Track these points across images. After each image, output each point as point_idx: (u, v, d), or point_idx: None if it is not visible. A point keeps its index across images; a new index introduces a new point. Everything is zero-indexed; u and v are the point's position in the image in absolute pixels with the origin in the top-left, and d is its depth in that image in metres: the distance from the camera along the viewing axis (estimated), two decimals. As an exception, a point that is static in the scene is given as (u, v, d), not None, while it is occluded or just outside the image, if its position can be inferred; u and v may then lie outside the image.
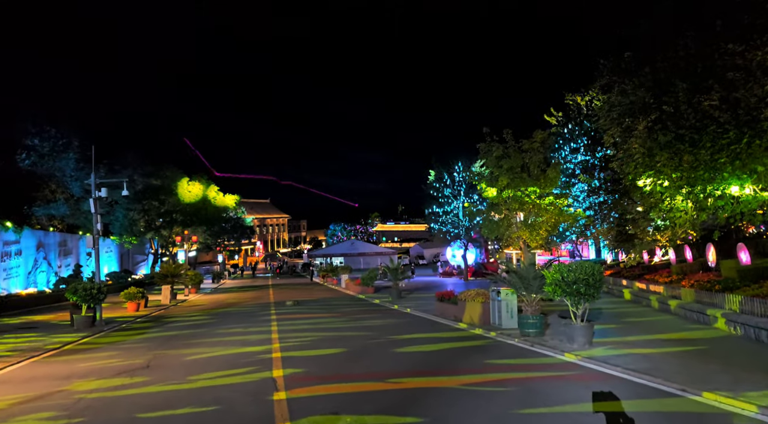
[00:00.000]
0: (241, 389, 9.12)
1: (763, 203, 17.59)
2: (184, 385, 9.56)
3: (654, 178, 18.67)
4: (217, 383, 9.62)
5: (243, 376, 10.22)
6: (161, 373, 10.72)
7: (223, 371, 10.79)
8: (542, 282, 13.30)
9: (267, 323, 19.16)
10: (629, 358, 10.42)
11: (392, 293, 28.74)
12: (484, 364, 10.81)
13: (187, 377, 10.18)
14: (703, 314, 15.87)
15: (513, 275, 13.45)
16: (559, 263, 11.98)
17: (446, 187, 46.74)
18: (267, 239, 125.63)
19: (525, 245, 27.75)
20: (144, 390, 9.30)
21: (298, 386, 9.19)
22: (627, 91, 20.17)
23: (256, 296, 35.13)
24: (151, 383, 9.84)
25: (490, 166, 26.18)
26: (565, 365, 10.30)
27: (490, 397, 8.23)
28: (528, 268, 13.38)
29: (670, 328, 15.03)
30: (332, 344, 13.84)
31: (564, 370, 9.92)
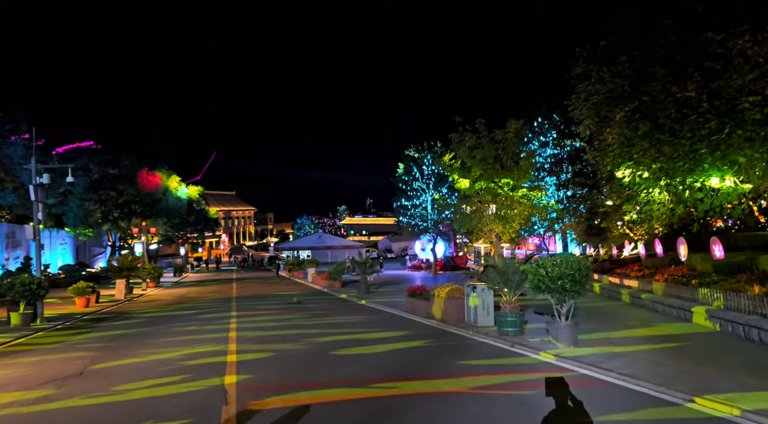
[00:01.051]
0: (184, 402, 7.89)
1: (742, 195, 17.14)
2: (118, 397, 8.26)
3: (633, 168, 18.02)
4: (158, 394, 8.36)
5: (190, 383, 8.99)
6: (95, 382, 9.39)
7: (168, 377, 9.53)
8: (523, 277, 12.42)
9: (226, 321, 17.85)
10: (620, 360, 9.57)
11: (360, 288, 27.65)
12: (463, 366, 9.84)
13: (124, 387, 8.88)
14: (683, 310, 15.28)
15: (491, 270, 12.52)
16: (540, 257, 11.08)
17: (415, 180, 46.24)
18: (232, 231, 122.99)
19: (497, 238, 27.03)
20: (68, 404, 7.97)
21: (252, 397, 8.02)
22: (605, 80, 19.45)
23: (218, 291, 33.59)
24: (80, 394, 8.50)
25: (463, 157, 25.32)
26: (553, 369, 9.39)
27: (478, 410, 7.23)
28: (507, 262, 12.47)
29: (650, 324, 14.38)
30: (295, 345, 12.67)
31: (552, 374, 8.99)
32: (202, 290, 35.56)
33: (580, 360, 9.62)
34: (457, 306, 15.40)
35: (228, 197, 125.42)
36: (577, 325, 10.83)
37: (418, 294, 18.75)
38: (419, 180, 46.61)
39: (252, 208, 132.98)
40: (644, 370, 8.76)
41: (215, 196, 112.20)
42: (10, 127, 40.54)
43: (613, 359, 9.65)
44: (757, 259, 17.78)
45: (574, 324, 10.79)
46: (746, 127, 15.77)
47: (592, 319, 15.37)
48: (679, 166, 17.17)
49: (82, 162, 47.47)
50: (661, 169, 17.48)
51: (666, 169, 17.39)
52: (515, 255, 47.92)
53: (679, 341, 11.59)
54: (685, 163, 16.87)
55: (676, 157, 16.99)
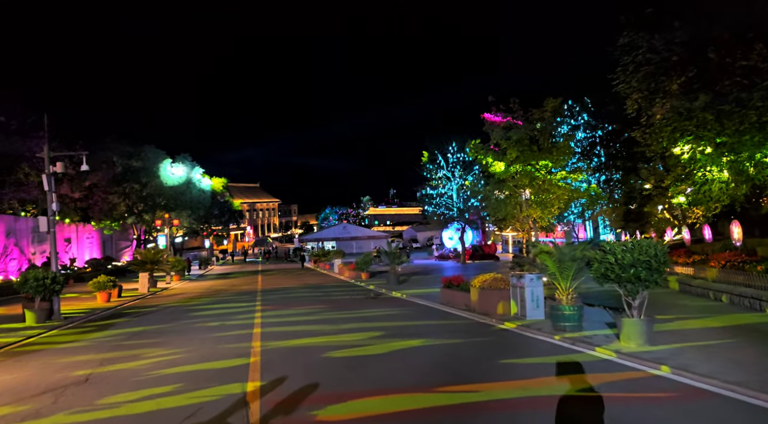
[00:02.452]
0: (196, 420, 6.63)
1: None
2: (120, 411, 7.03)
3: (693, 144, 16.24)
4: (166, 407, 7.13)
5: (205, 392, 7.76)
6: (98, 390, 8.21)
7: (180, 384, 8.31)
8: (581, 266, 10.91)
9: (250, 316, 16.69)
10: (713, 363, 8.03)
11: (390, 279, 26.35)
12: (527, 368, 8.44)
13: (129, 397, 7.67)
14: (756, 299, 13.61)
15: (546, 257, 11.02)
16: (608, 241, 9.55)
17: (440, 168, 45.22)
18: (257, 223, 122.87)
19: (534, 224, 25.47)
20: (59, 422, 6.78)
21: (280, 413, 6.73)
22: (657, 48, 17.66)
23: (243, 283, 32.64)
24: (77, 407, 7.31)
25: (497, 138, 23.75)
26: (636, 374, 7.90)
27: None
28: (564, 249, 10.96)
29: (716, 314, 12.81)
30: (327, 344, 11.39)
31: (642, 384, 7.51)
32: (226, 282, 34.68)
33: (663, 362, 8.11)
34: (501, 297, 13.95)
35: (252, 189, 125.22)
36: (653, 322, 9.29)
37: (455, 285, 17.34)
38: (444, 168, 45.69)
39: (276, 199, 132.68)
40: (750, 375, 7.23)
41: (239, 188, 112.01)
42: (32, 120, 40.06)
43: (703, 362, 8.12)
44: None
45: (650, 320, 9.26)
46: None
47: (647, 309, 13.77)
48: (747, 139, 15.38)
49: (105, 155, 46.95)
50: (725, 144, 15.70)
51: (731, 143, 15.60)
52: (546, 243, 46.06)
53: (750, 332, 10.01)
54: (754, 136, 15.07)
55: (743, 129, 15.19)
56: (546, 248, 11.33)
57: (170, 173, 51.77)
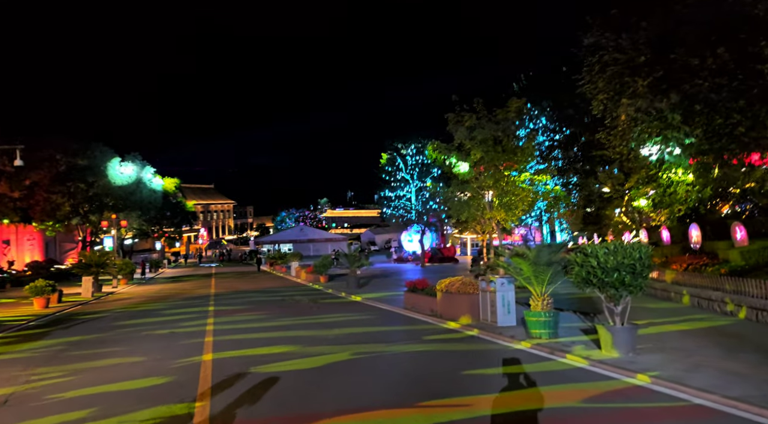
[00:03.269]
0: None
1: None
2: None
3: (662, 145, 16.05)
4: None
5: (145, 413, 6.75)
6: (16, 416, 7.08)
7: (115, 406, 7.26)
8: (558, 269, 10.35)
9: (202, 323, 15.53)
10: (704, 373, 7.52)
11: (349, 282, 25.46)
12: (506, 380, 7.75)
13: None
14: (721, 302, 13.46)
15: (521, 261, 10.40)
16: (588, 244, 8.99)
17: (399, 170, 45.36)
18: (211, 225, 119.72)
19: (498, 226, 25.09)
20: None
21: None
22: (624, 48, 17.46)
23: (196, 287, 31.11)
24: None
25: (461, 138, 23.22)
26: (627, 389, 7.32)
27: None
28: (541, 251, 10.37)
29: (683, 316, 12.60)
30: (288, 354, 10.46)
31: (634, 399, 6.91)
32: (178, 286, 33.04)
33: (652, 374, 7.55)
34: (470, 303, 13.30)
35: (206, 191, 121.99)
36: (636, 329, 8.76)
37: (420, 289, 16.63)
38: (403, 171, 45.53)
39: (231, 201, 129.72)
40: (749, 388, 6.73)
41: (193, 189, 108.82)
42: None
43: (693, 372, 7.62)
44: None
45: (633, 328, 8.73)
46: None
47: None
48: (715, 141, 15.26)
49: (48, 152, 44.35)
50: (692, 145, 15.56)
51: (699, 144, 15.47)
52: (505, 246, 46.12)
53: (741, 340, 9.67)
54: (722, 138, 14.96)
55: (711, 131, 15.07)
56: (521, 251, 10.73)
57: (119, 173, 49.40)
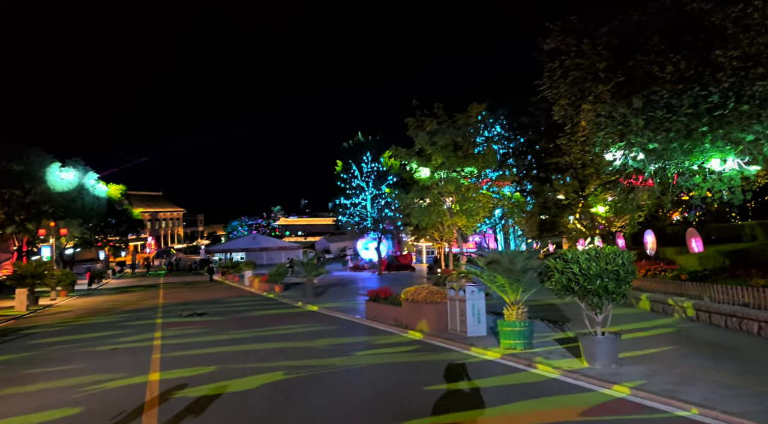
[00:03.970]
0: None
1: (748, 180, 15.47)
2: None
3: (626, 150, 15.94)
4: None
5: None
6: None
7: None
8: (533, 276, 9.87)
9: (148, 338, 14.36)
10: (698, 388, 7.11)
11: (306, 291, 24.54)
12: (489, 396, 7.14)
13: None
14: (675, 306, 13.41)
15: (497, 267, 9.86)
16: (568, 250, 8.52)
17: (354, 178, 45.29)
18: (159, 234, 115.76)
19: (459, 233, 24.72)
20: None
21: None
22: (586, 52, 17.40)
23: (142, 298, 29.42)
24: None
25: (422, 143, 22.77)
26: (620, 406, 6.82)
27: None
28: (516, 257, 9.87)
29: (657, 323, 12.31)
30: (247, 371, 9.55)
31: (631, 418, 6.41)
32: (123, 297, 31.20)
33: (643, 388, 7.09)
34: (437, 312, 12.71)
35: (155, 198, 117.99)
36: (618, 339, 8.32)
37: (383, 298, 15.95)
38: (358, 178, 45.39)
39: (181, 209, 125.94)
40: (748, 403, 6.34)
41: (140, 196, 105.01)
42: None
43: (684, 384, 7.21)
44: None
45: (615, 338, 8.28)
46: (753, 102, 13.99)
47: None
48: (675, 147, 15.27)
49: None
50: (655, 151, 15.51)
51: (660, 150, 15.44)
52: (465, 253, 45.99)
53: (717, 348, 9.44)
54: (684, 143, 14.97)
55: (673, 136, 15.06)
56: (495, 257, 10.21)
57: (59, 179, 46.73)
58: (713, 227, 23.60)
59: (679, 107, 14.79)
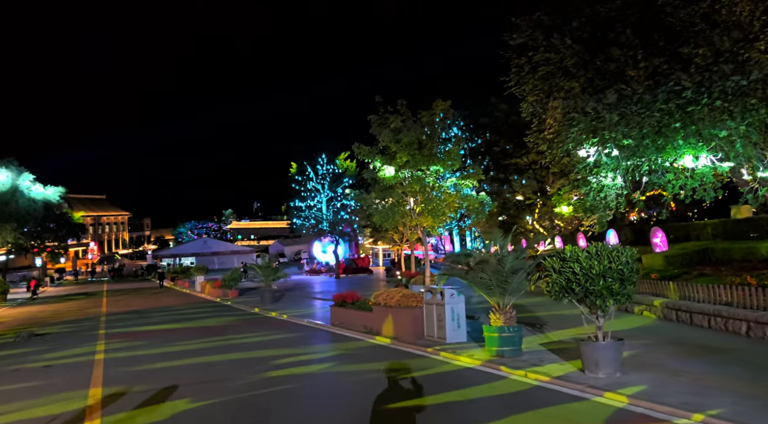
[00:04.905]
0: None
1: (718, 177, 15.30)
2: None
3: (599, 146, 15.53)
4: None
5: None
6: None
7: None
8: (522, 277, 9.12)
9: (89, 348, 12.88)
10: (716, 399, 6.46)
11: (264, 296, 23.26)
12: (489, 414, 6.28)
13: None
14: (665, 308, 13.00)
15: (485, 267, 9.04)
16: (565, 248, 7.77)
17: (309, 180, 44.55)
18: (103, 239, 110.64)
19: (424, 234, 23.93)
20: None
21: None
22: (556, 47, 16.96)
23: (83, 307, 27.31)
24: None
25: (386, 141, 21.85)
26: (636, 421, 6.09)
27: None
28: (504, 257, 9.08)
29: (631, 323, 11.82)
30: (203, 390, 8.38)
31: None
32: (61, 307, 28.93)
33: (663, 402, 6.37)
34: (413, 317, 11.81)
35: (97, 201, 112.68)
36: (622, 344, 7.62)
37: (350, 303, 14.95)
38: (313, 180, 44.66)
39: (126, 213, 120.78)
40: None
41: (82, 200, 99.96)
42: None
43: (700, 395, 6.55)
44: (757, 246, 16.07)
45: (619, 344, 7.57)
46: (725, 98, 13.80)
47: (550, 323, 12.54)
48: (647, 144, 14.95)
49: None
50: (627, 147, 15.16)
51: (633, 147, 15.10)
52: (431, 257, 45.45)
53: (711, 351, 8.94)
54: (657, 140, 14.66)
55: (646, 132, 14.73)
56: (483, 257, 9.40)
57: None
58: (674, 226, 23.68)
59: (652, 103, 14.48)
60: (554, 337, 11.21)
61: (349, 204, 44.88)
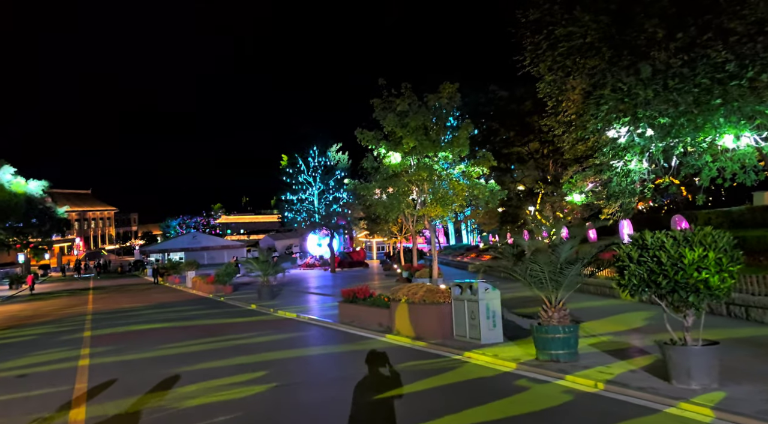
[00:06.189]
0: None
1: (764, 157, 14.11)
2: None
3: (631, 126, 14.26)
4: None
5: None
6: None
7: None
8: (579, 269, 7.84)
9: (73, 353, 11.45)
10: None
11: (262, 292, 21.87)
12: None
13: None
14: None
15: (536, 258, 7.73)
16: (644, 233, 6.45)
17: (300, 173, 43.47)
18: (89, 234, 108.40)
19: (432, 224, 22.69)
20: None
21: None
22: (579, 20, 15.64)
23: (67, 306, 25.73)
24: None
25: (391, 126, 20.52)
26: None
27: None
28: (558, 246, 7.78)
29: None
30: (208, 410, 7.03)
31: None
32: (44, 305, 27.31)
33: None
34: (440, 315, 10.51)
35: (82, 196, 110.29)
36: (717, 349, 6.33)
37: (362, 299, 13.63)
38: (305, 173, 43.61)
39: (112, 208, 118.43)
40: None
41: (66, 194, 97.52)
42: None
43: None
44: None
45: (716, 349, 6.28)
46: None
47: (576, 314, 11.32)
48: (682, 122, 13.70)
49: None
50: (663, 127, 13.90)
51: (669, 126, 13.85)
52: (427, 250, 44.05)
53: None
54: (695, 118, 13.42)
55: (683, 110, 13.49)
56: (528, 244, 8.11)
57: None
58: (694, 214, 22.52)
59: (691, 77, 13.25)
60: (591, 331, 10.03)
61: (341, 197, 43.66)
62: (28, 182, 53.81)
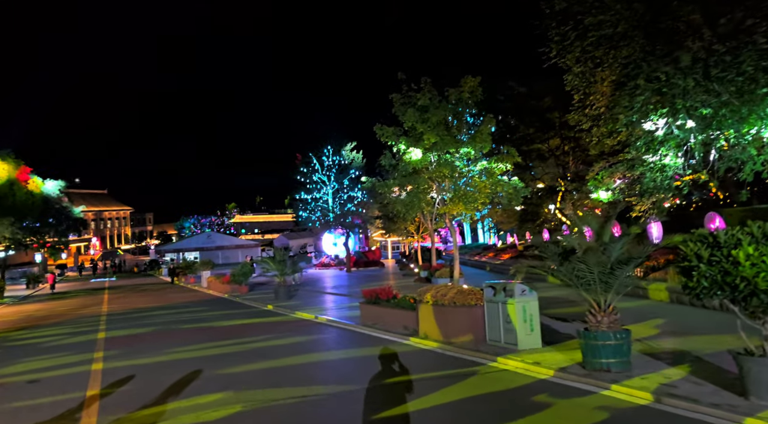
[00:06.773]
0: None
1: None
2: None
3: (670, 117, 13.50)
4: None
5: None
6: None
7: None
8: (632, 269, 7.16)
9: (86, 356, 10.98)
10: None
11: (279, 292, 21.40)
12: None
13: None
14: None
15: (586, 258, 7.07)
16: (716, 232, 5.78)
17: (314, 172, 43.06)
18: (105, 234, 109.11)
19: (453, 223, 22.03)
20: None
21: None
22: (611, 8, 14.91)
23: (82, 306, 25.43)
24: None
25: (411, 121, 19.86)
26: None
27: None
28: (608, 245, 7.11)
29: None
30: (234, 418, 6.47)
31: None
32: (59, 305, 27.06)
33: None
34: (471, 318, 9.88)
35: (99, 196, 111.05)
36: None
37: (385, 300, 13.03)
38: (319, 172, 43.35)
39: (128, 208, 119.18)
40: None
41: (83, 194, 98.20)
42: None
43: None
44: None
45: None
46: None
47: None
48: (724, 113, 12.92)
49: None
50: (704, 118, 13.13)
51: (710, 117, 13.09)
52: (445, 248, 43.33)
53: None
54: (739, 108, 12.64)
55: (725, 100, 12.71)
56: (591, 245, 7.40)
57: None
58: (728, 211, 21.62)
59: (735, 65, 12.48)
60: (635, 335, 9.34)
61: (356, 195, 43.17)
62: (45, 182, 53.97)
